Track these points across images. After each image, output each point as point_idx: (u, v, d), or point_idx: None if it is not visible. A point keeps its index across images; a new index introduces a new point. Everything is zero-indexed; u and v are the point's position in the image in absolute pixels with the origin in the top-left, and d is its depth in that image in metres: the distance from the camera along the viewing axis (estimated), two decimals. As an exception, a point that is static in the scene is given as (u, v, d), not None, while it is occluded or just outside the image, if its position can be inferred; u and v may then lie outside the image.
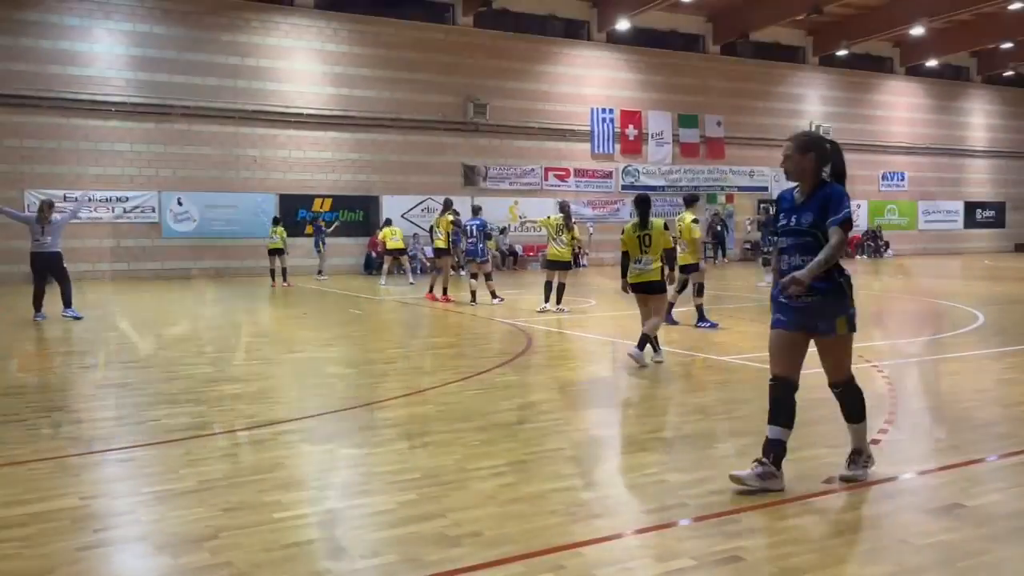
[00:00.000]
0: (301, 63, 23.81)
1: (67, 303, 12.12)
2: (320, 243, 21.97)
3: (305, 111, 23.77)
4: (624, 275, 8.12)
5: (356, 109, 24.43)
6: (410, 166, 25.40)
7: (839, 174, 4.39)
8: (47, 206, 12.20)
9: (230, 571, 3.28)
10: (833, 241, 4.13)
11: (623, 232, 8.19)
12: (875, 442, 5.12)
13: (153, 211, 22.29)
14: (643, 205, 8.05)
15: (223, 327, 11.61)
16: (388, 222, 20.44)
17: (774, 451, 4.22)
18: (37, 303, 12.09)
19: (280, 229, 20.04)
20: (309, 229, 23.63)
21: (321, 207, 24.22)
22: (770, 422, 4.29)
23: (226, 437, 5.38)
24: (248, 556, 3.42)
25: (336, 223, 23.11)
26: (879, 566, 3.29)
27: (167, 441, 5.31)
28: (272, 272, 19.78)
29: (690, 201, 11.45)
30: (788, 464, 4.66)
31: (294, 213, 23.84)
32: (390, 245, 19.55)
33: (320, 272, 21.97)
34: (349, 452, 5.06)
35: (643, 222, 7.96)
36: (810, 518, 3.82)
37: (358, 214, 24.77)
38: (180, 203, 22.59)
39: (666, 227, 8.04)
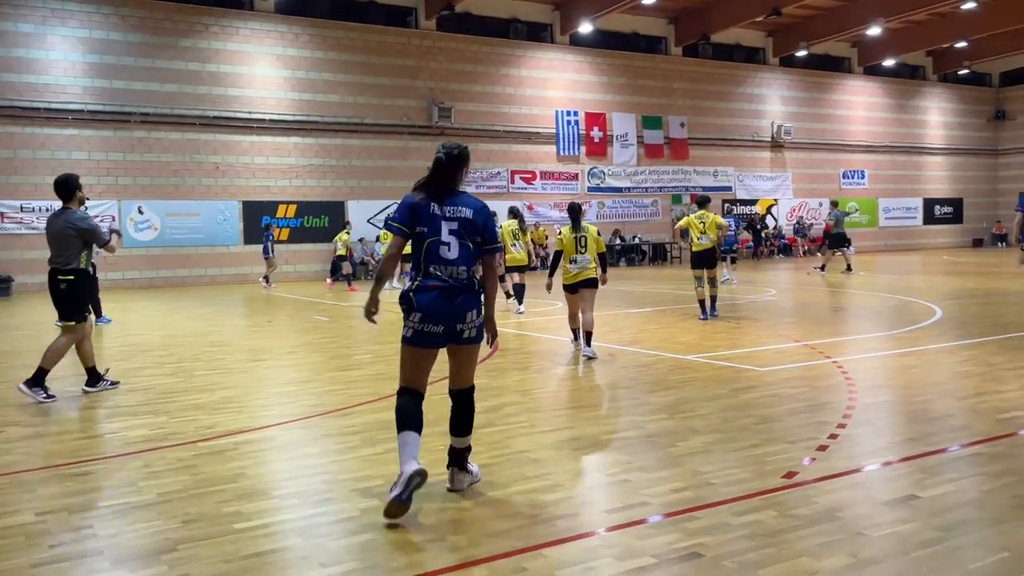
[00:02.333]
0: (262, 68, 23.61)
1: (97, 310, 12.83)
2: (270, 249, 21.19)
3: (267, 117, 23.58)
4: (552, 273, 9.12)
5: (319, 114, 24.29)
6: (375, 171, 25.31)
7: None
8: None
9: (188, 584, 3.25)
10: None
11: (560, 234, 9.09)
12: (833, 437, 5.21)
13: (113, 220, 21.92)
14: (575, 211, 8.99)
15: (184, 337, 11.46)
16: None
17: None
18: (96, 310, 12.76)
19: None
20: (274, 235, 23.50)
21: (285, 213, 24.04)
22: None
23: (186, 448, 5.32)
24: (207, 568, 3.38)
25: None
26: (835, 558, 3.35)
27: (126, 454, 5.23)
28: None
29: (703, 202, 12.26)
30: (747, 460, 4.74)
31: (258, 220, 23.62)
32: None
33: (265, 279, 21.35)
34: (312, 460, 5.03)
35: (575, 225, 8.84)
36: (769, 512, 3.87)
37: (323, 220, 24.61)
38: (141, 212, 22.27)
39: (599, 233, 8.98)
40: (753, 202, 32.83)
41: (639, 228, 30.13)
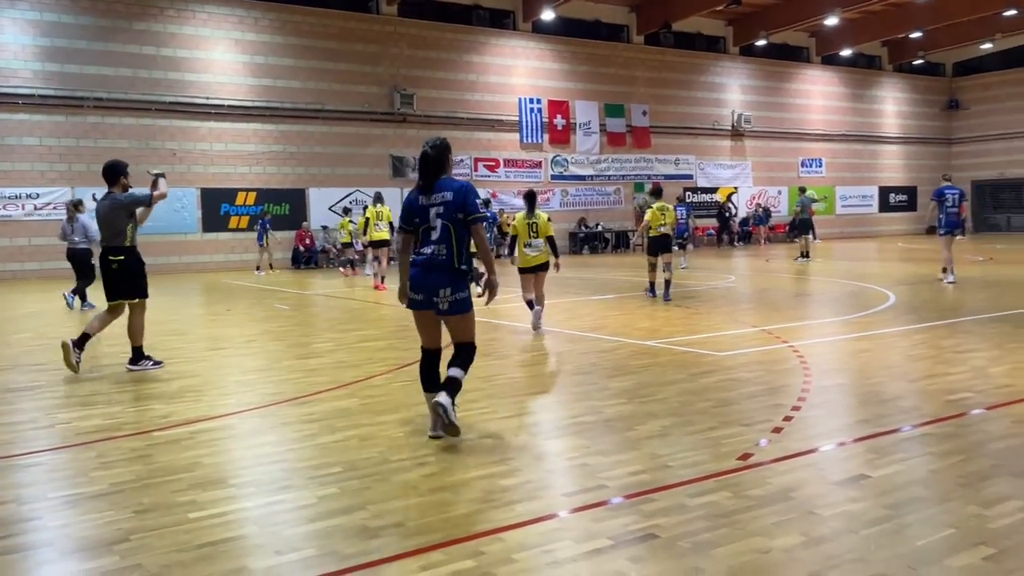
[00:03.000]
0: (220, 53, 23.18)
1: (78, 294, 13.35)
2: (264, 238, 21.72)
3: (226, 102, 23.18)
4: (511, 252, 9.94)
5: (279, 100, 23.94)
6: (336, 158, 25.05)
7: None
8: (72, 206, 13.69)
9: (140, 573, 3.20)
10: None
11: (514, 219, 9.76)
12: (788, 419, 5.30)
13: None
14: (531, 198, 9.74)
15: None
16: (379, 198, 16.64)
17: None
18: (81, 295, 13.31)
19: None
20: (233, 223, 23.36)
21: (245, 201, 23.70)
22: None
23: (140, 438, 5.23)
24: (159, 558, 3.34)
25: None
26: (787, 537, 3.41)
27: (78, 444, 5.13)
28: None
29: (659, 192, 13.23)
30: (704, 443, 4.80)
31: (217, 208, 23.26)
32: (375, 236, 16.26)
33: (270, 266, 22.02)
34: (270, 449, 4.98)
35: (531, 210, 9.56)
36: (724, 494, 3.92)
37: (284, 207, 24.31)
38: (95, 199, 21.71)
39: (548, 219, 9.73)
40: (714, 190, 33.14)
41: (602, 216, 30.26)
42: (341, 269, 21.48)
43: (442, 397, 4.85)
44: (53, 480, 4.47)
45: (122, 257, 7.53)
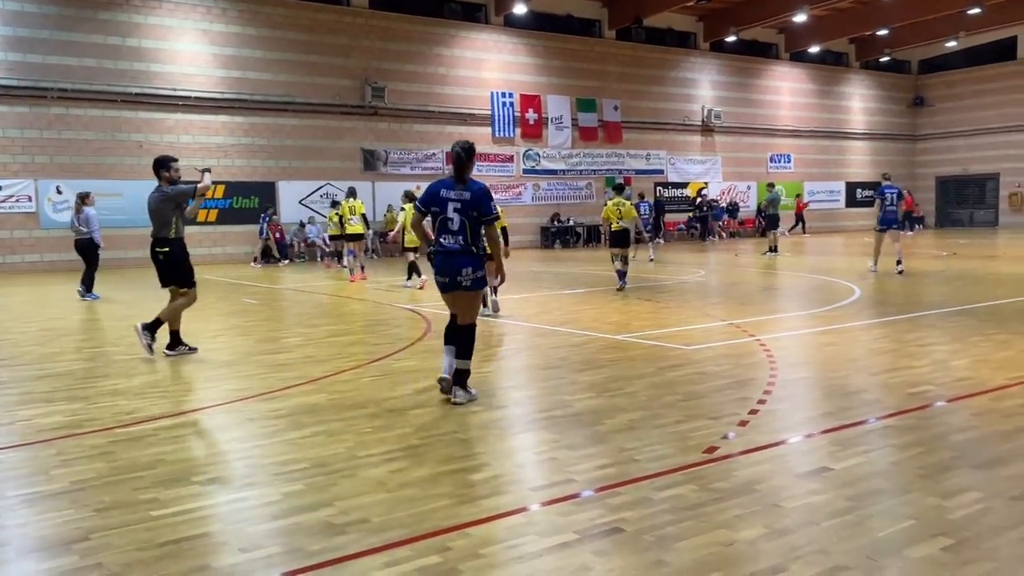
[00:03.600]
0: (187, 44, 22.83)
1: (88, 286, 13.91)
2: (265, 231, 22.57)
3: (193, 94, 22.84)
4: None
5: (248, 92, 23.65)
6: (307, 151, 24.82)
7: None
8: (80, 198, 14.07)
9: (100, 573, 3.15)
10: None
11: None
12: (754, 412, 5.36)
13: (29, 200, 21.03)
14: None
15: (105, 321, 11.08)
16: (352, 192, 17.32)
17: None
18: (86, 284, 13.89)
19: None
20: (200, 216, 23.12)
21: (213, 194, 23.38)
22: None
23: (103, 435, 5.15)
24: (120, 557, 3.29)
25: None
26: (751, 529, 3.45)
27: (38, 442, 5.04)
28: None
29: (620, 189, 13.81)
30: (671, 436, 4.84)
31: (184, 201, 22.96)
32: (349, 229, 16.71)
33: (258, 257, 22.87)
34: (235, 445, 4.93)
35: None
36: (689, 487, 3.95)
37: (252, 200, 24.04)
38: (59, 191, 21.36)
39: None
40: (684, 185, 33.34)
41: (574, 210, 30.31)
42: (341, 261, 21.49)
43: (456, 396, 5.73)
44: (11, 479, 4.39)
45: (167, 248, 7.91)
